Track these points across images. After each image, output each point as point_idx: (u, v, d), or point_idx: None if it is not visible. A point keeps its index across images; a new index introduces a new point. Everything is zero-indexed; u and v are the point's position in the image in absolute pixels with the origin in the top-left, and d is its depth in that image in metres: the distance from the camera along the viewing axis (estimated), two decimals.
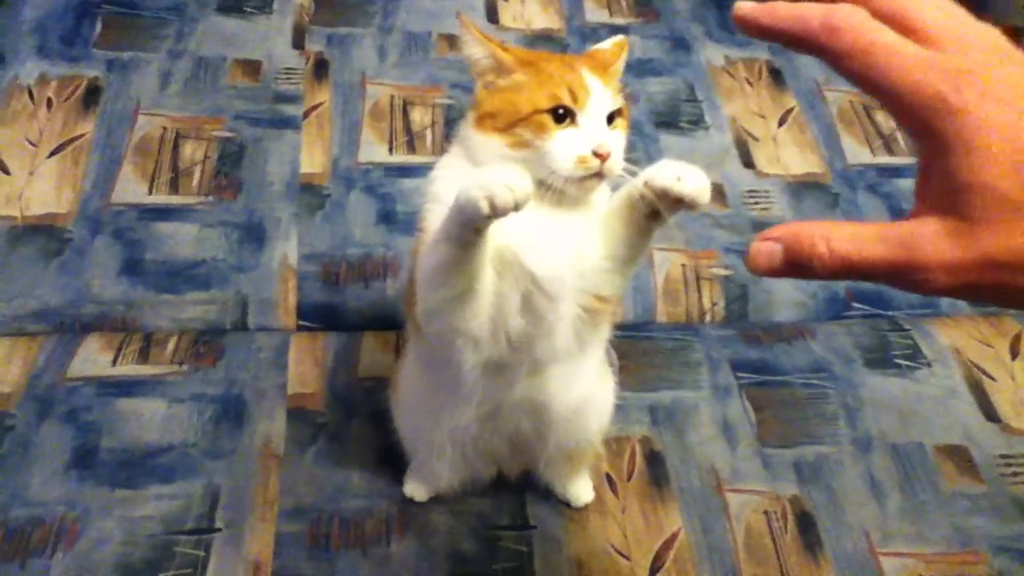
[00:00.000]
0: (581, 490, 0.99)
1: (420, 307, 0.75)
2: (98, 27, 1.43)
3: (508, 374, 0.79)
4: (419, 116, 1.40)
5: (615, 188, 0.73)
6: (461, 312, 0.73)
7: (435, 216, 0.73)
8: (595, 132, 0.71)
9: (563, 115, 0.71)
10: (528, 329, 0.75)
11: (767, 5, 0.46)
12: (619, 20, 1.62)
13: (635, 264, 0.76)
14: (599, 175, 0.71)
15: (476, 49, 0.75)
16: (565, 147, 0.71)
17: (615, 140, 0.72)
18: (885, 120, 1.51)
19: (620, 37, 0.83)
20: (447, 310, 0.73)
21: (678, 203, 0.66)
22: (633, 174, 0.70)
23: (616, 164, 0.72)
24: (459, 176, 0.74)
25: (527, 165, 0.71)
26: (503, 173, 0.61)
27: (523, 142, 0.72)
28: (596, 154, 0.70)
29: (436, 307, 0.73)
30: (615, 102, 0.73)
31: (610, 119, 0.73)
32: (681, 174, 0.65)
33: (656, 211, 0.69)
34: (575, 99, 0.71)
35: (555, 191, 0.72)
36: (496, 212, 0.61)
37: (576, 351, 0.80)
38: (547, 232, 0.73)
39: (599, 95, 0.72)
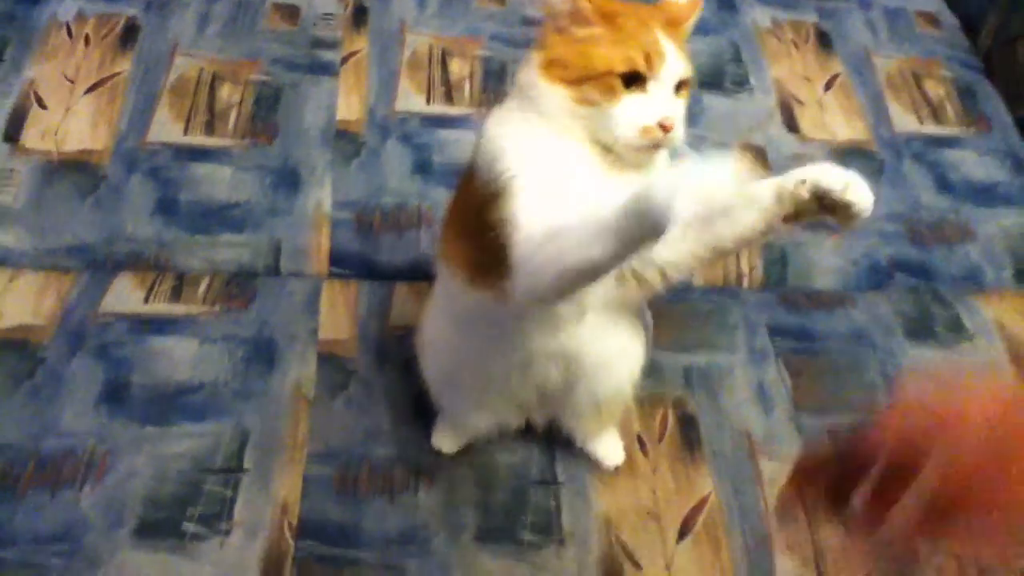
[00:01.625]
0: (612, 451, 0.98)
1: (528, 288, 0.68)
2: None
3: (554, 322, 0.77)
4: (457, 67, 1.37)
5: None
6: (591, 284, 0.68)
7: (518, 170, 0.69)
8: (662, 102, 0.69)
9: (633, 79, 0.69)
10: None
11: None
12: None
13: (717, 259, 0.74)
14: (659, 144, 0.69)
15: None
16: (631, 114, 0.69)
17: (679, 111, 0.70)
18: (934, 88, 1.47)
19: None
20: (570, 295, 0.70)
21: (836, 210, 0.64)
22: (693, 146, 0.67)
23: (678, 135, 0.70)
24: (524, 130, 0.72)
25: (590, 122, 0.70)
26: (704, 170, 0.53)
27: (590, 100, 0.70)
28: (660, 126, 0.68)
29: (556, 295, 0.70)
30: (686, 71, 0.71)
31: (677, 88, 0.71)
32: (850, 180, 0.63)
33: (798, 213, 0.66)
34: (649, 65, 0.68)
35: (614, 153, 0.71)
36: (704, 215, 0.53)
37: (616, 304, 0.79)
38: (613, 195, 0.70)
39: (672, 62, 0.69)
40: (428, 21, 1.44)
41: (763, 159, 1.32)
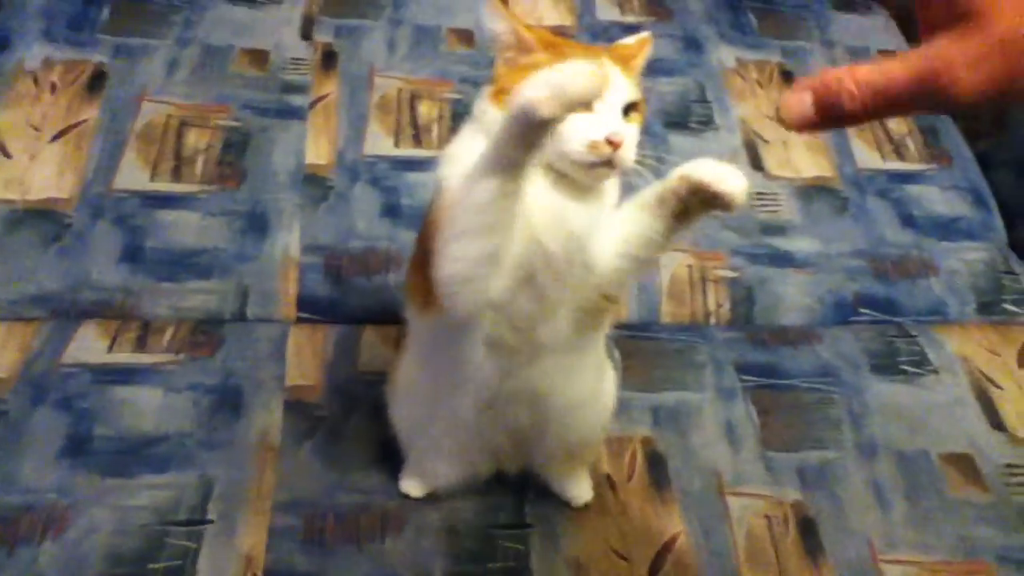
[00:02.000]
0: (580, 489, 0.97)
1: (446, 270, 0.71)
2: (105, 12, 1.42)
3: (508, 356, 0.78)
4: (426, 110, 1.38)
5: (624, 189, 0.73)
6: (488, 270, 0.70)
7: (454, 175, 0.71)
8: (609, 120, 0.70)
9: None
10: (530, 308, 0.74)
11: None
12: (631, 18, 1.61)
13: (648, 265, 0.76)
14: (610, 163, 0.70)
15: (499, 24, 0.74)
16: (577, 130, 0.70)
17: (629, 132, 0.71)
18: (896, 125, 1.50)
19: (645, 34, 0.82)
20: (475, 269, 0.70)
21: (712, 201, 0.66)
22: (656, 161, 0.70)
23: (628, 155, 0.71)
24: (477, 148, 0.73)
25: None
26: (564, 65, 0.57)
27: None
28: (609, 141, 0.69)
29: (466, 267, 0.70)
30: (633, 94, 0.73)
31: (627, 112, 0.72)
32: (722, 172, 0.66)
33: (686, 210, 0.68)
34: None
35: (565, 176, 0.72)
36: (570, 104, 0.57)
37: (576, 343, 0.80)
38: (559, 213, 0.72)
39: (617, 84, 0.71)
40: (398, 64, 1.45)
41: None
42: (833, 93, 0.44)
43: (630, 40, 0.81)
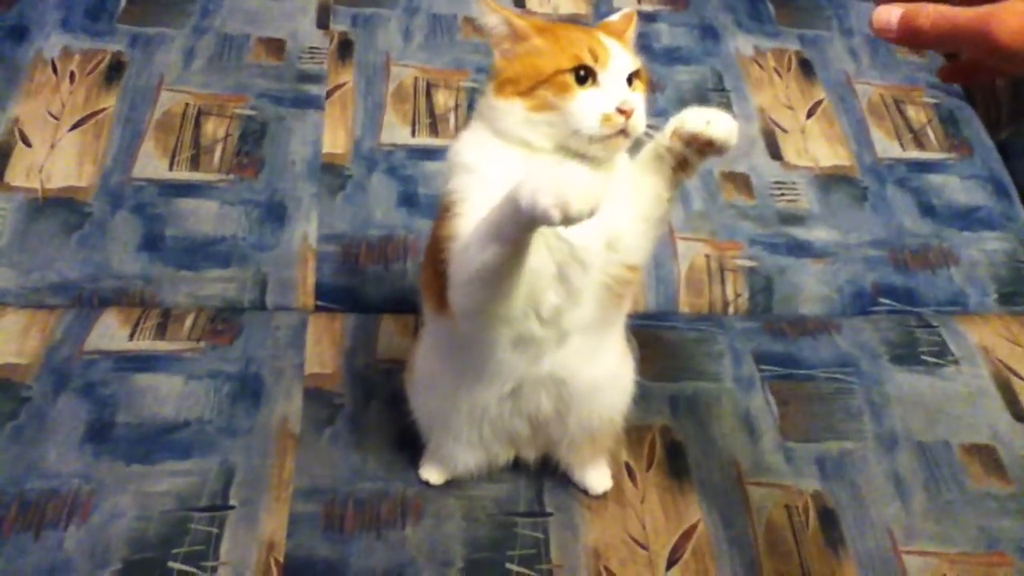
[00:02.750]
0: (599, 477, 0.97)
1: (457, 302, 0.74)
2: (123, 2, 1.42)
3: (535, 348, 0.78)
4: (443, 99, 1.38)
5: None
6: (502, 304, 0.72)
7: (465, 187, 0.73)
8: (618, 90, 0.72)
9: (584, 76, 0.72)
10: (559, 301, 0.74)
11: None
12: (647, 7, 1.60)
13: (662, 224, 0.77)
14: (624, 133, 0.72)
15: (492, 17, 0.76)
16: (589, 106, 0.71)
17: (637, 99, 0.72)
18: (916, 114, 1.49)
19: (628, 9, 0.85)
20: (489, 306, 0.73)
21: (708, 147, 0.68)
22: (659, 131, 0.71)
23: (640, 121, 0.72)
24: (484, 148, 0.75)
25: (550, 127, 0.73)
26: (573, 175, 0.58)
27: (546, 104, 0.72)
28: (620, 111, 0.71)
29: (476, 305, 0.73)
30: (634, 63, 0.74)
31: (629, 81, 0.74)
32: (710, 118, 0.67)
33: (684, 161, 0.70)
34: (596, 59, 0.72)
35: (580, 154, 0.73)
36: (569, 220, 0.57)
37: (599, 324, 0.81)
38: None
39: (619, 55, 0.73)
40: (414, 53, 1.45)
41: (747, 187, 1.33)
42: (914, 11, 0.57)
43: (615, 17, 0.84)
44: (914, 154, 1.43)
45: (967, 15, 0.56)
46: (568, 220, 0.57)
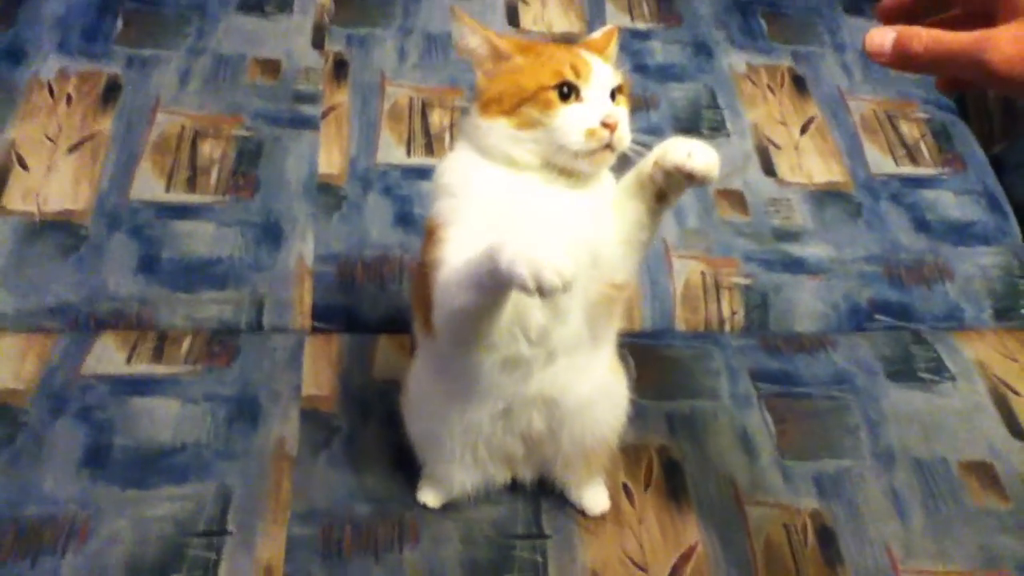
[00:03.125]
0: (597, 498, 0.97)
1: (440, 330, 0.75)
2: (119, 23, 1.43)
3: (523, 368, 0.79)
4: (438, 118, 1.39)
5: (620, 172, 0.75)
6: (484, 335, 0.74)
7: (449, 210, 0.74)
8: (601, 104, 0.73)
9: (568, 93, 0.73)
10: (545, 320, 0.75)
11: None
12: (640, 24, 1.61)
13: (646, 247, 0.77)
14: (609, 147, 0.73)
15: (472, 39, 0.77)
16: (573, 121, 0.72)
17: (621, 113, 0.73)
18: (909, 129, 1.49)
19: (610, 26, 0.86)
20: (471, 337, 0.74)
21: (689, 179, 0.68)
22: (645, 146, 0.72)
23: (625, 135, 0.73)
24: (469, 168, 0.76)
25: (536, 144, 0.73)
26: (550, 249, 0.59)
27: (530, 121, 0.73)
28: (605, 125, 0.71)
29: (459, 337, 0.75)
30: (616, 78, 0.75)
31: (612, 96, 0.75)
32: (692, 150, 0.67)
33: (665, 190, 0.71)
34: (578, 74, 0.73)
35: (565, 171, 0.74)
36: (543, 294, 0.59)
37: (589, 341, 0.81)
38: (561, 216, 0.73)
39: (600, 70, 0.74)
40: (408, 72, 1.45)
41: (741, 204, 1.34)
42: (908, 35, 0.58)
43: (596, 34, 0.85)
44: (908, 169, 1.44)
45: (961, 40, 0.56)
46: (542, 293, 0.59)
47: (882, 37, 0.59)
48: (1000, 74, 0.54)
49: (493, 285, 0.64)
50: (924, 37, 0.58)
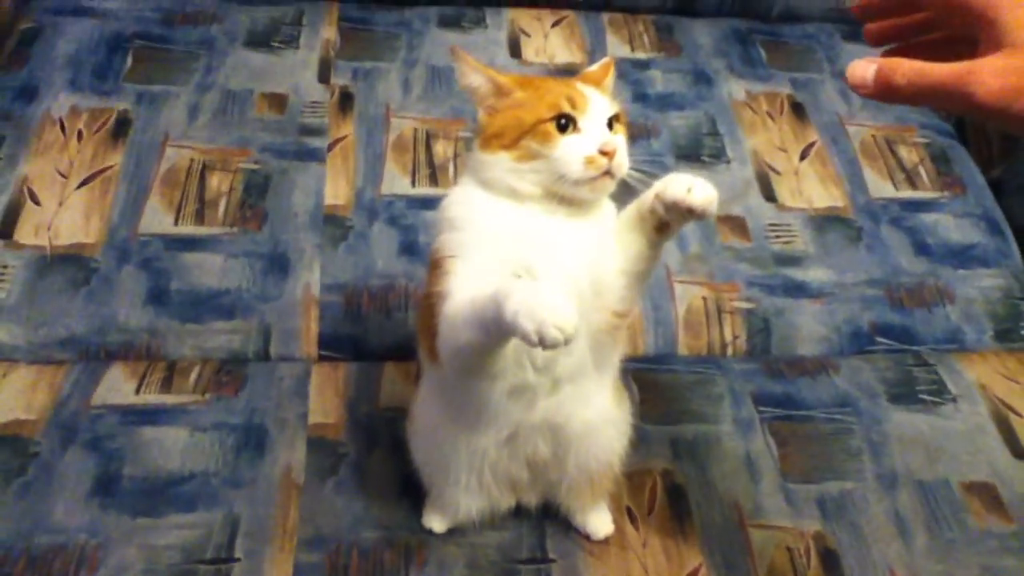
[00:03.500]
0: (601, 522, 0.98)
1: (444, 360, 0.77)
2: (129, 61, 1.46)
3: (529, 395, 0.80)
4: (442, 149, 1.41)
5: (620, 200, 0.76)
6: (487, 368, 0.76)
7: (454, 244, 0.77)
8: (598, 133, 0.75)
9: (565, 124, 0.75)
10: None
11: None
12: (641, 54, 1.63)
13: (647, 277, 0.79)
14: (608, 174, 0.75)
15: (474, 77, 0.80)
16: (572, 151, 0.74)
17: (619, 141, 0.76)
18: (908, 154, 1.51)
19: (607, 58, 0.89)
20: (474, 369, 0.77)
21: (688, 215, 0.70)
22: (645, 173, 0.74)
23: (623, 162, 0.76)
24: (473, 201, 0.79)
25: (536, 174, 0.76)
26: (554, 302, 0.61)
27: (530, 153, 0.75)
28: (603, 152, 0.74)
29: (463, 368, 0.78)
30: (612, 108, 0.78)
31: (610, 125, 0.77)
32: (691, 185, 0.69)
33: (665, 223, 0.72)
34: (574, 106, 0.75)
35: (567, 200, 0.76)
36: (545, 347, 0.61)
37: (592, 368, 0.83)
38: (564, 246, 0.75)
39: (597, 101, 0.77)
40: (413, 104, 1.48)
41: (742, 229, 1.35)
42: (891, 69, 0.58)
43: (594, 67, 0.88)
44: (907, 193, 1.45)
45: (944, 73, 0.56)
46: (544, 346, 0.60)
47: (864, 69, 0.60)
48: (985, 108, 0.55)
49: (497, 331, 0.66)
50: (907, 69, 0.58)
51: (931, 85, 0.57)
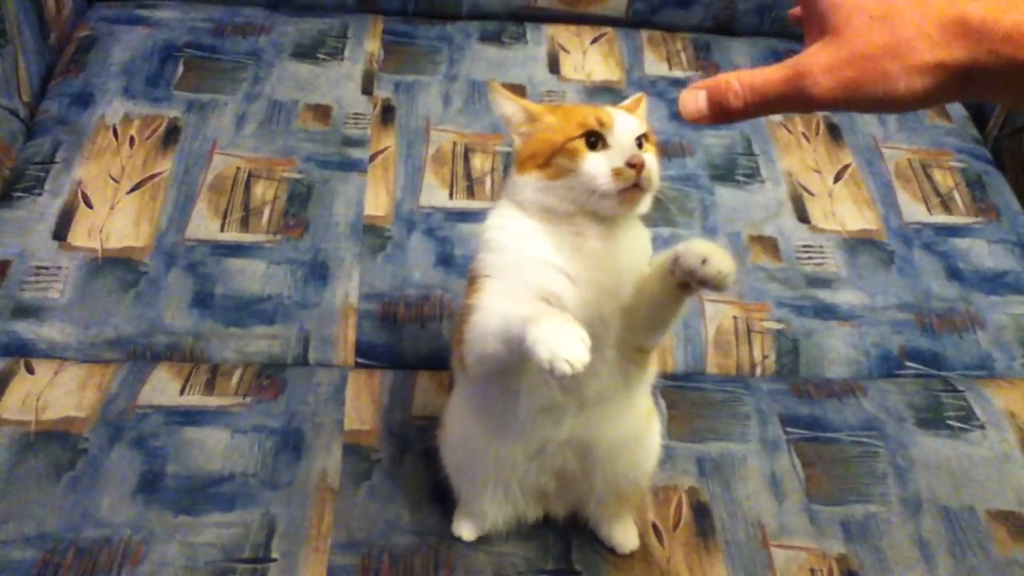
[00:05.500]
0: (627, 536, 1.00)
1: (469, 367, 0.81)
2: (180, 70, 1.51)
3: (557, 413, 0.83)
4: (479, 162, 1.44)
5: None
6: (510, 378, 0.79)
7: (490, 264, 0.80)
8: (626, 147, 0.78)
9: (595, 142, 0.78)
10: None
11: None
12: (678, 72, 1.65)
13: (670, 324, 0.81)
14: (638, 187, 0.76)
15: (508, 107, 0.84)
16: (600, 164, 0.77)
17: (648, 156, 0.78)
18: (943, 178, 1.51)
19: (639, 94, 0.92)
20: (497, 378, 0.80)
21: (703, 285, 0.71)
22: (680, 192, 0.75)
23: (653, 177, 0.78)
24: (509, 225, 0.82)
25: (568, 191, 0.78)
26: (572, 338, 0.64)
27: (562, 170, 0.78)
28: (631, 164, 0.76)
29: (487, 377, 0.81)
30: (641, 127, 0.80)
31: (640, 145, 0.79)
32: (708, 256, 0.69)
33: (686, 283, 0.73)
34: (602, 124, 0.78)
35: (599, 218, 0.79)
36: (554, 375, 0.64)
37: (622, 391, 0.85)
38: (594, 270, 0.78)
39: (624, 119, 0.80)
40: (452, 118, 1.51)
41: (774, 250, 1.37)
42: (722, 92, 0.55)
43: (627, 101, 0.91)
44: (941, 218, 1.46)
45: (777, 81, 0.53)
46: (554, 376, 0.64)
47: (694, 99, 0.57)
48: (828, 103, 0.53)
49: (518, 350, 0.68)
50: (737, 88, 0.55)
51: (766, 98, 0.54)
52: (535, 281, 0.77)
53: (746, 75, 0.55)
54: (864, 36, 0.52)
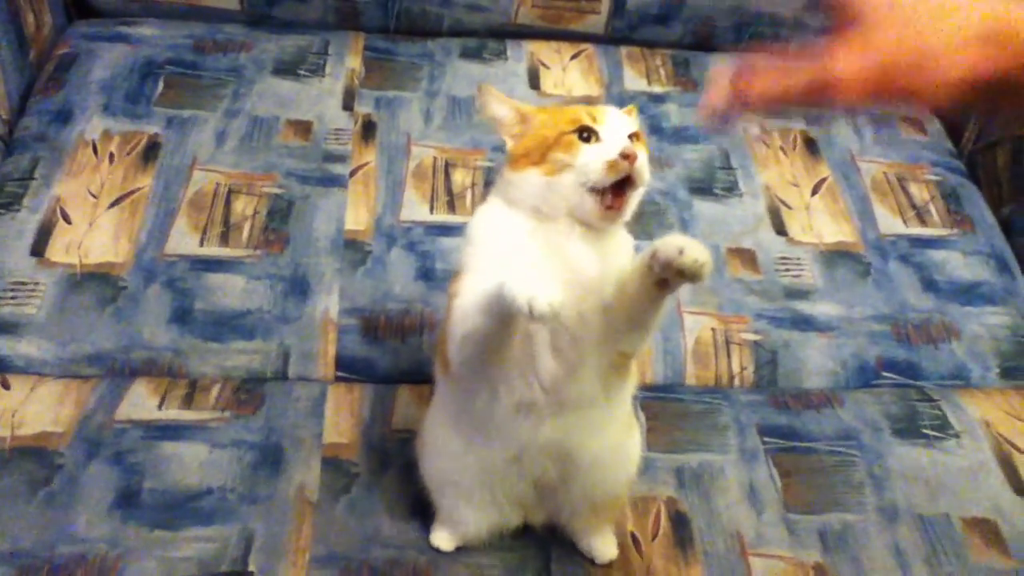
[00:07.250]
0: (605, 546, 1.00)
1: (453, 354, 0.81)
2: (160, 87, 1.51)
3: (535, 414, 0.83)
4: (460, 177, 1.45)
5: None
6: (493, 361, 0.80)
7: (475, 255, 0.81)
8: (619, 140, 0.79)
9: (588, 136, 0.79)
10: (556, 369, 0.80)
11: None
12: (657, 88, 1.67)
13: (651, 328, 0.82)
14: (630, 180, 0.77)
15: (501, 109, 0.85)
16: (594, 156, 0.78)
17: (640, 151, 0.79)
18: (918, 191, 1.53)
19: (630, 106, 0.92)
20: (479, 363, 0.80)
21: (680, 276, 0.72)
22: (666, 195, 0.76)
23: (644, 170, 0.78)
24: (495, 219, 0.83)
25: (563, 188, 0.79)
26: (546, 286, 0.66)
27: (557, 164, 0.79)
28: (624, 155, 0.76)
29: (470, 360, 0.81)
30: (632, 124, 0.82)
31: (630, 140, 0.80)
32: (684, 247, 0.71)
33: (664, 280, 0.74)
34: (594, 119, 0.80)
35: (583, 224, 0.80)
36: (533, 316, 0.66)
37: (602, 398, 0.85)
38: (576, 269, 0.79)
39: (615, 115, 0.82)
40: (433, 134, 1.52)
41: (753, 262, 1.38)
42: (743, 89, 0.56)
43: (621, 110, 0.90)
44: (917, 230, 1.48)
45: (798, 94, 0.53)
46: (533, 316, 0.66)
47: (713, 105, 0.58)
48: (849, 111, 0.54)
49: (499, 310, 0.70)
50: (758, 102, 0.55)
51: (786, 107, 0.55)
52: (518, 269, 0.78)
53: (768, 83, 0.55)
54: (893, 44, 0.52)
